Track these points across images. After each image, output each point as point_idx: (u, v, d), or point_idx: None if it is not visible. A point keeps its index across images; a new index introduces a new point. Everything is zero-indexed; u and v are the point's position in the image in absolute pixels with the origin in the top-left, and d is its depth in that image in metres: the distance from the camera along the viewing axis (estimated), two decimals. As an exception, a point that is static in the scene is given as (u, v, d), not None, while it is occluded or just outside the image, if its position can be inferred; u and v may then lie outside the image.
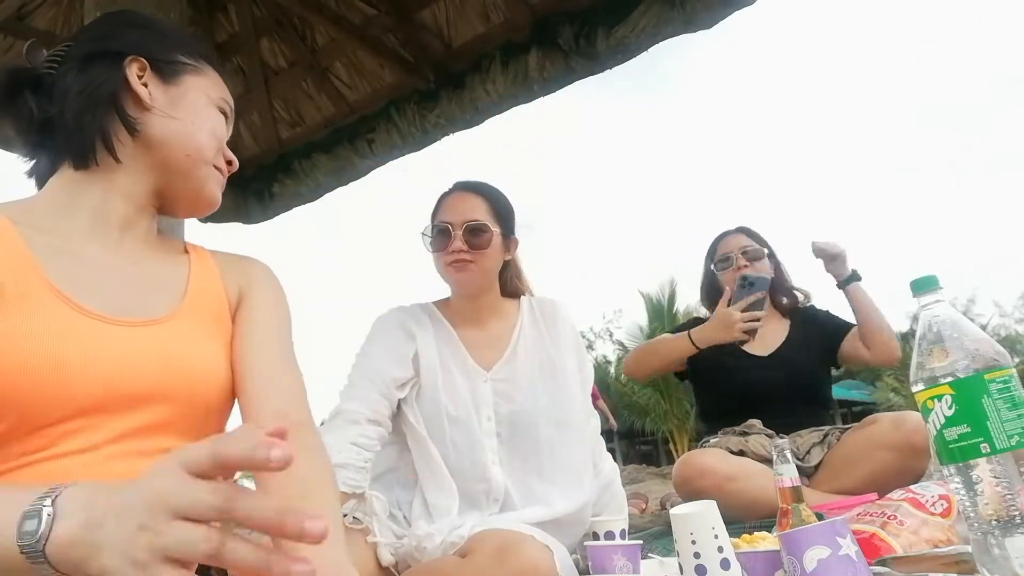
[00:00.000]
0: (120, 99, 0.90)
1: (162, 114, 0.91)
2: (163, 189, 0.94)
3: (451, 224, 1.62)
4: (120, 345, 0.81)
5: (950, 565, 0.98)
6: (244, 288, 1.00)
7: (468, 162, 30.23)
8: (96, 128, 0.88)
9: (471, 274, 1.62)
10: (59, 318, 0.78)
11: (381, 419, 1.54)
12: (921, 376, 0.94)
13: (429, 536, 1.41)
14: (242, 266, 1.03)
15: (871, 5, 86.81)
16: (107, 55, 0.91)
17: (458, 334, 1.68)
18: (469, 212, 1.63)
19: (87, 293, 0.82)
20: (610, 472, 1.72)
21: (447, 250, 1.61)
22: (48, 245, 0.83)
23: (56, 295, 0.79)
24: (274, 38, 3.40)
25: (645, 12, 2.56)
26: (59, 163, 0.90)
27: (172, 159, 0.92)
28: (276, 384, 0.92)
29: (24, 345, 0.74)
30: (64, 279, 0.81)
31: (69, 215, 0.88)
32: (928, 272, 0.98)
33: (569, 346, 1.70)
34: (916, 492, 1.23)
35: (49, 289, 0.79)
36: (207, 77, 0.98)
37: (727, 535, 1.02)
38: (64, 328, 0.77)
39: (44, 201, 0.89)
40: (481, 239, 1.61)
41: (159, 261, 0.94)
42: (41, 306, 0.77)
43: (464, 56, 3.06)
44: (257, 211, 3.69)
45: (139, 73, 0.91)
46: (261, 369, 0.92)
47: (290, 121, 3.57)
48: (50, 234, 0.85)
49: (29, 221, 0.84)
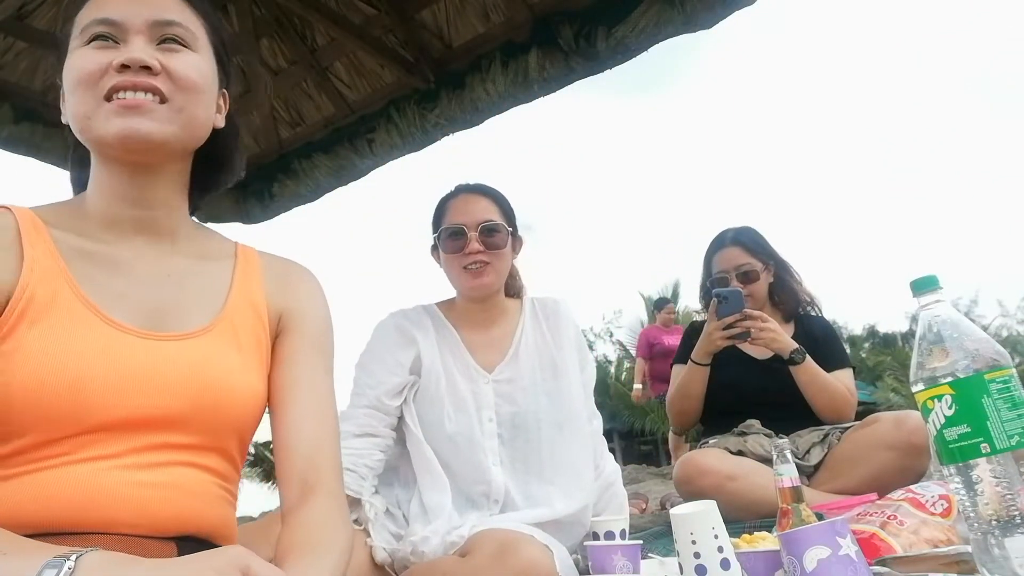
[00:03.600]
0: None
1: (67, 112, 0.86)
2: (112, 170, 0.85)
3: (465, 225, 1.60)
4: (147, 361, 0.79)
5: (950, 565, 0.98)
6: (291, 305, 0.95)
7: (468, 162, 30.24)
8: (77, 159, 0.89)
9: (488, 277, 1.62)
10: (85, 331, 0.76)
11: (372, 431, 1.55)
12: (921, 376, 0.94)
13: (425, 540, 1.41)
14: (289, 275, 0.98)
15: (872, 4, 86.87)
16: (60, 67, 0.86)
17: (460, 336, 1.67)
18: (482, 213, 1.62)
19: (116, 303, 0.80)
20: (611, 473, 1.72)
21: (463, 252, 1.60)
22: (80, 251, 0.81)
23: (85, 305, 0.77)
24: (274, 38, 3.40)
25: (645, 12, 2.57)
26: None
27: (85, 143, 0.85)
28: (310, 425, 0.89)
29: (45, 361, 0.73)
30: (93, 289, 0.79)
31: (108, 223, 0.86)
32: (929, 272, 0.98)
33: (571, 346, 1.69)
34: (916, 492, 1.23)
35: (78, 298, 0.77)
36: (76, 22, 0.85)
37: (727, 535, 1.02)
38: (88, 342, 0.76)
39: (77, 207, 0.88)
40: (497, 239, 1.61)
41: (197, 267, 0.90)
42: (68, 317, 0.76)
43: (464, 56, 3.06)
44: (257, 211, 3.69)
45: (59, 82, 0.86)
46: (299, 405, 0.89)
47: (290, 121, 3.57)
48: (87, 240, 0.83)
49: (63, 225, 0.83)
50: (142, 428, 0.78)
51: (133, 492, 0.76)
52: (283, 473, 0.87)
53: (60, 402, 0.73)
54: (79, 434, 0.74)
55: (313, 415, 0.90)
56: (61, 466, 0.74)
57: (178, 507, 0.80)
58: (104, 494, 0.75)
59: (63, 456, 0.74)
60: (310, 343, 0.95)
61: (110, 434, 0.76)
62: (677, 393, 2.41)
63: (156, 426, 0.79)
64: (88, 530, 0.74)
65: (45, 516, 0.73)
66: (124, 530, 0.76)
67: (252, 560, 0.63)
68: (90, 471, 0.74)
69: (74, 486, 0.74)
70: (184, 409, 0.80)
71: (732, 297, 2.18)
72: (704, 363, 2.29)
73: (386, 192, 66.73)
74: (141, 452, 0.77)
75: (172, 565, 0.64)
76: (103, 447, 0.75)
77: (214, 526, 0.85)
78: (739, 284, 2.36)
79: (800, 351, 2.18)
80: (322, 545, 0.79)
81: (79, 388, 0.73)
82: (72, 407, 0.73)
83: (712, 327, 2.21)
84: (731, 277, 2.38)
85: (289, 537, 0.81)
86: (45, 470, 0.74)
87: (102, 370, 0.75)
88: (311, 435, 0.88)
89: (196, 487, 0.82)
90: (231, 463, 0.89)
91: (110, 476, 0.75)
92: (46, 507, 0.73)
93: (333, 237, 66.48)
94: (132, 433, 0.77)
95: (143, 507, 0.77)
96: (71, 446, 0.74)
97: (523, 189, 9.74)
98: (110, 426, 0.76)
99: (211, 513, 0.84)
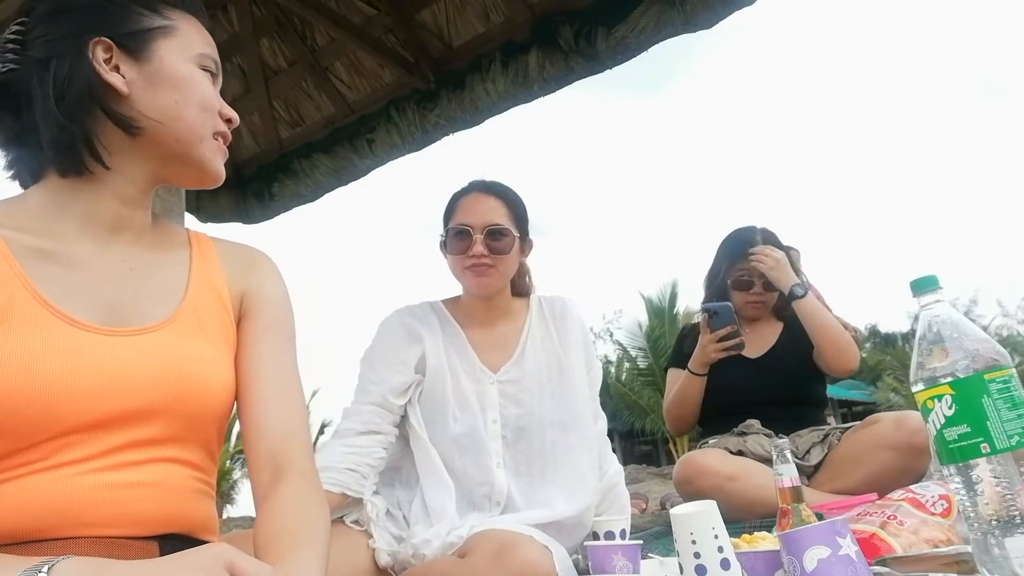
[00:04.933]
0: (98, 97, 0.80)
1: (142, 98, 0.82)
2: (161, 175, 0.88)
3: (471, 227, 1.59)
4: (113, 358, 0.77)
5: (950, 565, 0.98)
6: (251, 288, 0.94)
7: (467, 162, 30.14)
8: (80, 137, 0.80)
9: (490, 279, 1.61)
10: (47, 334, 0.73)
11: (377, 428, 1.54)
12: (921, 376, 0.94)
13: (426, 543, 1.41)
14: (247, 260, 0.97)
15: (872, 4, 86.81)
16: (64, 41, 0.80)
17: (466, 335, 1.66)
18: (489, 215, 1.60)
19: (77, 302, 0.78)
20: (615, 475, 1.71)
21: (467, 253, 1.59)
22: (35, 251, 0.78)
23: (44, 306, 0.75)
24: (274, 38, 3.40)
25: (645, 12, 2.56)
26: (43, 171, 0.84)
27: (164, 147, 0.84)
28: (278, 407, 0.89)
29: (9, 369, 0.70)
30: (52, 288, 0.76)
31: (57, 219, 0.82)
32: (929, 272, 0.98)
33: (577, 346, 1.68)
34: (916, 492, 1.23)
35: (36, 300, 0.75)
36: (180, 34, 0.86)
37: (727, 535, 1.02)
38: (51, 345, 0.73)
39: (30, 204, 0.83)
40: (502, 243, 1.59)
41: (156, 259, 0.89)
42: (28, 321, 0.73)
43: (464, 56, 3.06)
44: (257, 211, 3.68)
45: (105, 57, 0.81)
46: (265, 387, 0.89)
47: (290, 121, 3.57)
48: (37, 238, 0.79)
49: (14, 224, 0.79)
50: (114, 427, 0.76)
51: (110, 494, 0.75)
52: (253, 457, 0.86)
53: (28, 410, 0.70)
54: (50, 439, 0.72)
55: (280, 397, 0.90)
56: (34, 473, 0.72)
57: (157, 505, 0.78)
58: (80, 498, 0.73)
59: (36, 463, 0.72)
60: (271, 325, 0.94)
61: (82, 436, 0.74)
62: (674, 400, 2.42)
63: (128, 424, 0.77)
64: (67, 535, 0.72)
65: (21, 525, 0.71)
66: (104, 532, 0.74)
67: (236, 556, 0.62)
68: (64, 476, 0.73)
69: (49, 493, 0.72)
70: (156, 404, 0.79)
71: (723, 312, 2.23)
72: (701, 374, 2.31)
73: (386, 192, 66.71)
74: (115, 452, 0.76)
75: (152, 566, 0.63)
76: (76, 450, 0.74)
77: (195, 521, 0.83)
78: (761, 290, 2.37)
79: (801, 285, 2.23)
80: (303, 535, 0.78)
81: (47, 394, 0.71)
82: (41, 414, 0.71)
83: (706, 340, 2.24)
84: (755, 282, 2.38)
85: (267, 527, 0.79)
86: (18, 479, 0.72)
87: (69, 373, 0.73)
88: (279, 417, 0.88)
89: (174, 483, 0.81)
90: (208, 454, 0.88)
91: (85, 479, 0.73)
92: (22, 516, 0.71)
93: (333, 237, 66.44)
94: (105, 433, 0.75)
95: (121, 508, 0.75)
96: (43, 452, 0.72)
97: (522, 189, 9.77)
98: (82, 428, 0.74)
99: (191, 508, 0.83)
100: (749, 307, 2.41)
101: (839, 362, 2.21)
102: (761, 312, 2.43)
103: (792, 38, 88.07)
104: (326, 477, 1.44)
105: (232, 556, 0.61)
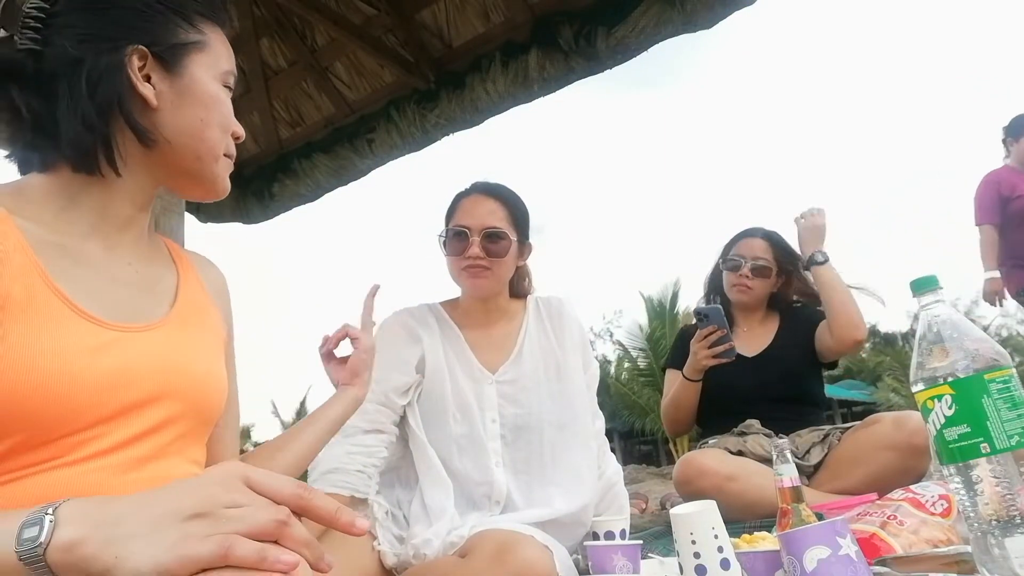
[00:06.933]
0: (125, 105, 0.79)
1: (169, 113, 0.82)
2: (167, 184, 0.88)
3: (469, 229, 1.59)
4: (124, 353, 0.77)
5: (950, 565, 0.98)
6: (219, 300, 0.98)
7: (467, 162, 30.04)
8: (100, 142, 0.79)
9: (486, 281, 1.61)
10: (66, 329, 0.73)
11: (381, 427, 1.55)
12: (921, 376, 0.94)
13: (427, 542, 1.41)
14: (212, 273, 1.00)
15: (872, 3, 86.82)
16: (103, 43, 0.79)
17: (464, 336, 1.67)
18: (487, 217, 1.60)
19: (90, 298, 0.78)
20: (613, 474, 1.72)
21: (463, 255, 1.59)
22: (50, 244, 0.78)
23: (63, 301, 0.75)
24: (274, 38, 3.40)
25: (645, 12, 2.57)
26: (55, 163, 0.82)
27: (180, 162, 0.85)
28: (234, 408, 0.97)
29: (35, 361, 0.70)
30: (69, 283, 0.76)
31: (68, 212, 0.81)
32: (930, 272, 0.98)
33: (575, 345, 1.69)
34: (916, 492, 1.23)
35: (55, 294, 0.74)
36: (210, 50, 0.86)
37: (727, 535, 1.02)
38: (72, 342, 0.73)
39: (39, 193, 0.81)
40: (499, 246, 1.59)
41: (151, 263, 0.90)
42: (50, 316, 0.73)
43: (464, 56, 3.06)
44: (257, 211, 3.69)
45: (140, 65, 0.80)
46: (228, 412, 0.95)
47: (290, 121, 3.57)
48: (51, 231, 0.79)
49: (28, 214, 0.78)
50: (127, 414, 0.77)
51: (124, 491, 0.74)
52: None
53: (49, 404, 0.71)
54: (67, 435, 0.73)
55: (234, 426, 0.97)
56: (56, 468, 0.72)
57: None
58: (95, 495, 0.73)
59: (57, 459, 0.72)
60: (230, 345, 0.98)
61: (97, 429, 0.75)
62: (670, 404, 2.42)
63: (140, 408, 0.78)
64: None
65: None
66: None
67: (249, 470, 0.62)
68: (79, 473, 0.73)
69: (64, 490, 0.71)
70: (169, 401, 0.80)
71: (712, 314, 2.21)
72: (696, 379, 2.31)
73: (386, 192, 66.72)
74: (129, 447, 0.76)
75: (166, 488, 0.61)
76: (90, 446, 0.74)
77: None
78: (749, 273, 2.36)
79: (822, 252, 2.25)
80: None
81: (72, 389, 0.72)
82: (61, 408, 0.71)
83: (697, 346, 2.23)
84: (744, 264, 2.38)
85: None
86: (37, 475, 0.72)
87: (87, 368, 0.73)
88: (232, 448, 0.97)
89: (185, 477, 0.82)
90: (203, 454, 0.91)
91: (100, 476, 0.74)
92: None
93: (333, 237, 66.44)
94: (119, 429, 0.76)
95: None
96: (58, 449, 0.72)
97: (523, 188, 9.79)
98: (100, 420, 0.75)
99: None
100: (735, 290, 2.40)
101: (849, 330, 2.19)
102: (747, 297, 2.40)
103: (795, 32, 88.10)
104: (336, 479, 1.45)
105: (245, 470, 0.62)
